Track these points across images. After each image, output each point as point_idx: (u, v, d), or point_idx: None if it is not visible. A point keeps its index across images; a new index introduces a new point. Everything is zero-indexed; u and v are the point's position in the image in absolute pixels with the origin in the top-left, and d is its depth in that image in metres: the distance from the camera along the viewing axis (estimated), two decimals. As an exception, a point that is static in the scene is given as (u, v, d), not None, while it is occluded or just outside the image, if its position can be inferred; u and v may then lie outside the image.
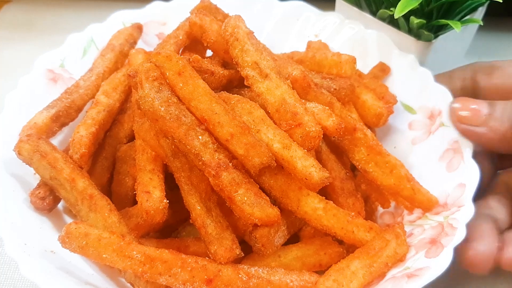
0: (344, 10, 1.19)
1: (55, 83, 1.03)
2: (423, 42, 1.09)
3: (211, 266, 0.76)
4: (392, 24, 1.11)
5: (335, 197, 0.88)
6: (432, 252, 0.79)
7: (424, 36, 1.07)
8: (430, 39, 1.08)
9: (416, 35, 1.09)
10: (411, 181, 0.88)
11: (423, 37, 1.08)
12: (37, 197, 0.85)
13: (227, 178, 0.76)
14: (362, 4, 1.17)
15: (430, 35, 1.06)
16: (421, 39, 1.09)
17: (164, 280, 0.74)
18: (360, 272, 0.77)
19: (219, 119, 0.78)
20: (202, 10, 1.01)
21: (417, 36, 1.09)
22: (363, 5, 1.17)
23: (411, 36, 1.09)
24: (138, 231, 0.84)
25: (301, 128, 0.80)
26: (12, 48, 1.52)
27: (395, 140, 1.04)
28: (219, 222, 0.79)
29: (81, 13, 1.63)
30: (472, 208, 0.82)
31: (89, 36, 1.11)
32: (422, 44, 1.09)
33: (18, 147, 0.84)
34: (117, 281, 0.84)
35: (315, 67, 1.00)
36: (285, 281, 0.78)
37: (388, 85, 1.07)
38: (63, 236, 0.75)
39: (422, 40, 1.09)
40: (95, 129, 0.89)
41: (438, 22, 1.04)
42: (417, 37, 1.09)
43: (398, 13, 0.97)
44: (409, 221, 0.91)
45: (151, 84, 0.78)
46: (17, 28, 1.60)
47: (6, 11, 1.67)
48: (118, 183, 0.92)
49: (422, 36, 1.08)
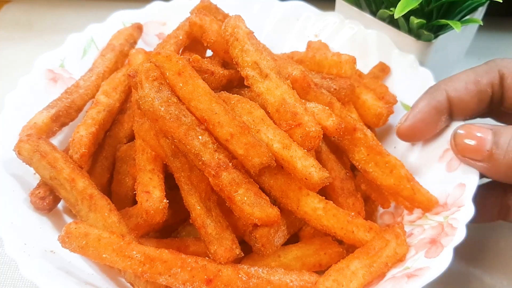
0: (344, 10, 1.19)
1: (55, 83, 1.03)
2: (423, 42, 1.08)
3: (211, 266, 0.76)
4: (392, 24, 1.11)
5: (335, 197, 0.88)
6: (432, 252, 0.78)
7: (424, 36, 1.07)
8: (430, 39, 1.08)
9: (416, 35, 1.09)
10: (411, 181, 0.88)
11: (423, 37, 1.08)
12: (37, 197, 0.85)
13: (227, 178, 0.76)
14: (362, 4, 1.17)
15: (430, 35, 1.06)
16: (421, 39, 1.08)
17: (164, 280, 0.74)
18: (360, 272, 0.77)
19: (219, 119, 0.78)
20: (202, 10, 1.01)
21: (417, 36, 1.09)
22: (363, 5, 1.17)
23: (411, 36, 1.09)
24: (138, 231, 0.84)
25: (301, 128, 0.80)
26: (12, 48, 1.52)
27: (395, 140, 1.04)
28: (219, 222, 0.79)
29: (81, 13, 1.63)
30: (472, 208, 0.82)
31: (89, 36, 1.11)
32: (422, 44, 1.09)
33: (18, 147, 0.84)
34: (117, 281, 0.84)
35: (315, 67, 1.00)
36: (285, 281, 0.78)
37: (388, 85, 1.07)
38: (63, 236, 0.75)
39: (422, 40, 1.08)
40: (95, 129, 0.89)
41: (438, 22, 1.04)
42: (417, 37, 1.09)
43: (398, 13, 0.97)
44: (409, 221, 0.91)
45: (151, 84, 0.78)
46: (17, 28, 1.60)
47: (6, 11, 1.67)
48: (118, 183, 0.92)
49: (422, 36, 1.08)
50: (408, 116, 0.92)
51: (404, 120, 0.93)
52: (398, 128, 0.94)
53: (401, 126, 0.93)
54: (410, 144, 1.01)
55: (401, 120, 0.94)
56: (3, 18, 1.64)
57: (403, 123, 0.92)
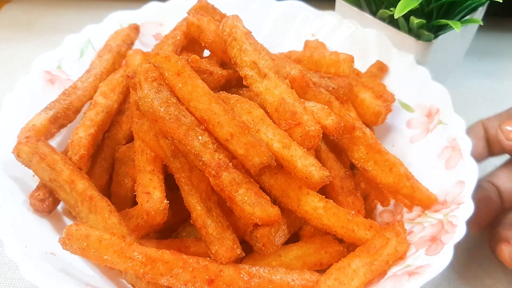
0: (344, 10, 1.19)
1: (52, 85, 1.03)
2: (423, 42, 1.09)
3: (212, 266, 0.76)
4: (392, 24, 1.11)
5: (335, 196, 0.88)
6: (433, 250, 0.79)
7: (424, 36, 1.07)
8: (430, 39, 1.08)
9: (416, 35, 1.09)
10: (410, 179, 0.88)
11: (423, 37, 1.08)
12: (36, 199, 0.84)
13: (227, 178, 0.76)
14: (362, 4, 1.17)
15: (430, 35, 1.06)
16: (421, 39, 1.09)
17: (166, 280, 0.74)
18: (361, 271, 0.77)
19: (218, 119, 0.78)
20: (199, 10, 1.00)
21: (417, 36, 1.09)
22: (363, 5, 1.17)
23: (411, 36, 1.09)
24: (138, 232, 0.83)
25: (301, 128, 0.80)
26: (12, 48, 1.52)
27: (393, 139, 1.04)
28: (219, 222, 0.79)
29: (81, 13, 1.63)
30: (471, 205, 0.82)
31: (86, 37, 1.10)
32: (422, 44, 1.09)
33: (17, 149, 0.83)
34: (118, 282, 0.84)
35: (313, 66, 1.00)
36: (286, 280, 0.78)
37: (386, 83, 1.07)
38: (64, 238, 0.74)
39: (422, 40, 1.09)
40: (93, 130, 0.89)
41: (438, 22, 1.04)
42: (417, 37, 1.09)
43: (398, 13, 0.97)
44: (409, 219, 0.91)
45: (150, 85, 0.78)
46: (17, 28, 1.60)
47: (6, 11, 1.67)
48: (117, 184, 0.92)
49: (422, 36, 1.08)
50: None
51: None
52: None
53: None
54: (409, 142, 1.01)
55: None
56: (3, 18, 1.64)
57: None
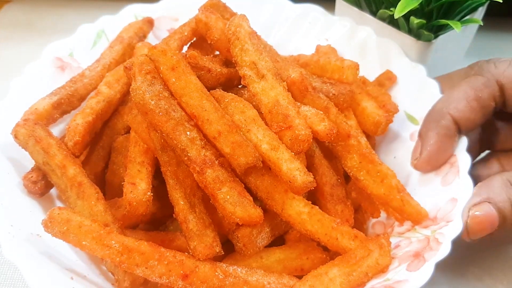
0: (344, 10, 1.18)
1: (62, 72, 1.05)
2: (423, 42, 1.07)
3: (188, 261, 0.76)
4: (392, 24, 1.10)
5: (324, 203, 0.87)
6: (414, 266, 0.77)
7: (424, 36, 1.06)
8: (430, 39, 1.06)
9: (416, 35, 1.07)
10: (401, 192, 0.86)
11: (423, 37, 1.06)
12: (29, 180, 0.86)
13: (211, 175, 0.76)
14: (362, 4, 1.16)
15: (430, 35, 1.05)
16: (421, 39, 1.07)
17: (141, 271, 0.75)
18: (338, 280, 0.76)
19: (208, 116, 0.78)
20: (209, 7, 1.01)
21: (417, 36, 1.07)
22: (363, 5, 1.16)
23: (411, 36, 1.08)
24: (124, 222, 0.85)
25: (291, 131, 0.79)
26: (12, 48, 1.53)
27: (395, 150, 1.02)
28: (201, 219, 0.79)
29: (81, 13, 1.63)
30: (460, 224, 0.80)
31: (100, 27, 1.12)
32: (422, 44, 1.07)
33: (14, 131, 0.86)
34: (101, 269, 0.85)
35: (318, 71, 1.00)
36: (262, 283, 0.77)
37: (394, 94, 1.06)
38: (46, 220, 0.76)
39: (422, 40, 1.07)
40: (91, 118, 0.90)
41: (438, 22, 1.03)
42: (417, 37, 1.07)
43: (398, 13, 0.96)
44: (398, 233, 0.89)
45: (143, 77, 0.79)
46: (17, 28, 1.61)
47: (6, 11, 1.68)
48: (112, 173, 0.93)
49: (422, 36, 1.06)
50: (422, 150, 0.93)
51: (419, 154, 0.93)
52: (415, 164, 0.94)
53: (418, 162, 0.94)
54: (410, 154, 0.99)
55: (415, 155, 0.94)
56: (3, 18, 1.65)
57: (419, 158, 0.93)
